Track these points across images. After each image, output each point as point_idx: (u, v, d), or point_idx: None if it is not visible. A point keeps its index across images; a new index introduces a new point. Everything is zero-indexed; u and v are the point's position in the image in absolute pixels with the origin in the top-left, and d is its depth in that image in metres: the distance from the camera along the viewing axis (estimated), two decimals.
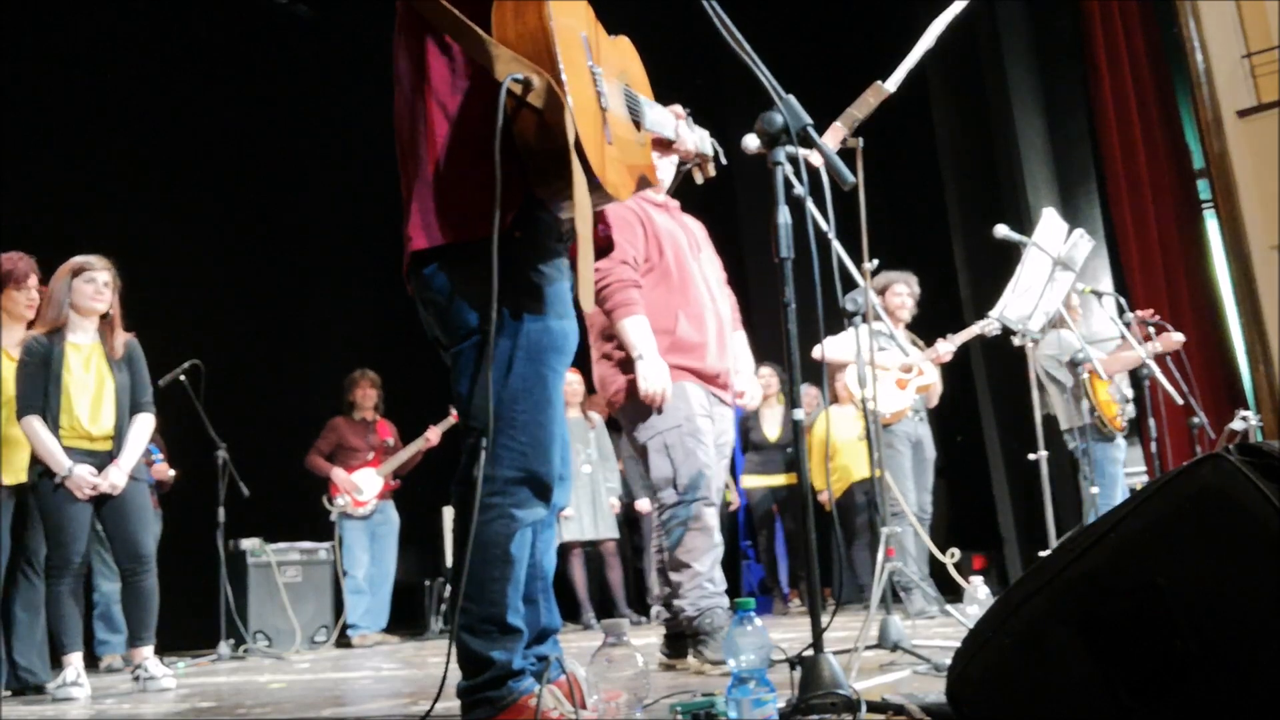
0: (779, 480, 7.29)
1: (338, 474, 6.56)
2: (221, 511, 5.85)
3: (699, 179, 2.57)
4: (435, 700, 1.82)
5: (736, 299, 3.54)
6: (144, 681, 4.04)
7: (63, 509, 4.03)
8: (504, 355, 1.86)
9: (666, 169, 3.29)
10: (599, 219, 2.12)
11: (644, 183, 2.07)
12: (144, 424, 4.30)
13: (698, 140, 2.40)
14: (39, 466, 4.07)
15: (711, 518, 3.06)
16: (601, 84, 1.92)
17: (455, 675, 1.87)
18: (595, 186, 1.81)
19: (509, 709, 1.82)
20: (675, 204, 3.41)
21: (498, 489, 1.85)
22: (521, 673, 1.86)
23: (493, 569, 1.84)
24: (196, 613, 6.22)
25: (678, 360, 3.11)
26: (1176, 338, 5.39)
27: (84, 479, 4.03)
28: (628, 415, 3.17)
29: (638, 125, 2.08)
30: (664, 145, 2.29)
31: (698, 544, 3.01)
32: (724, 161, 2.57)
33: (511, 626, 1.86)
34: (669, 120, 2.28)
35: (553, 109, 1.75)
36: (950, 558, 3.48)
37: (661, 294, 3.17)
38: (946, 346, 5.14)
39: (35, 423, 4.05)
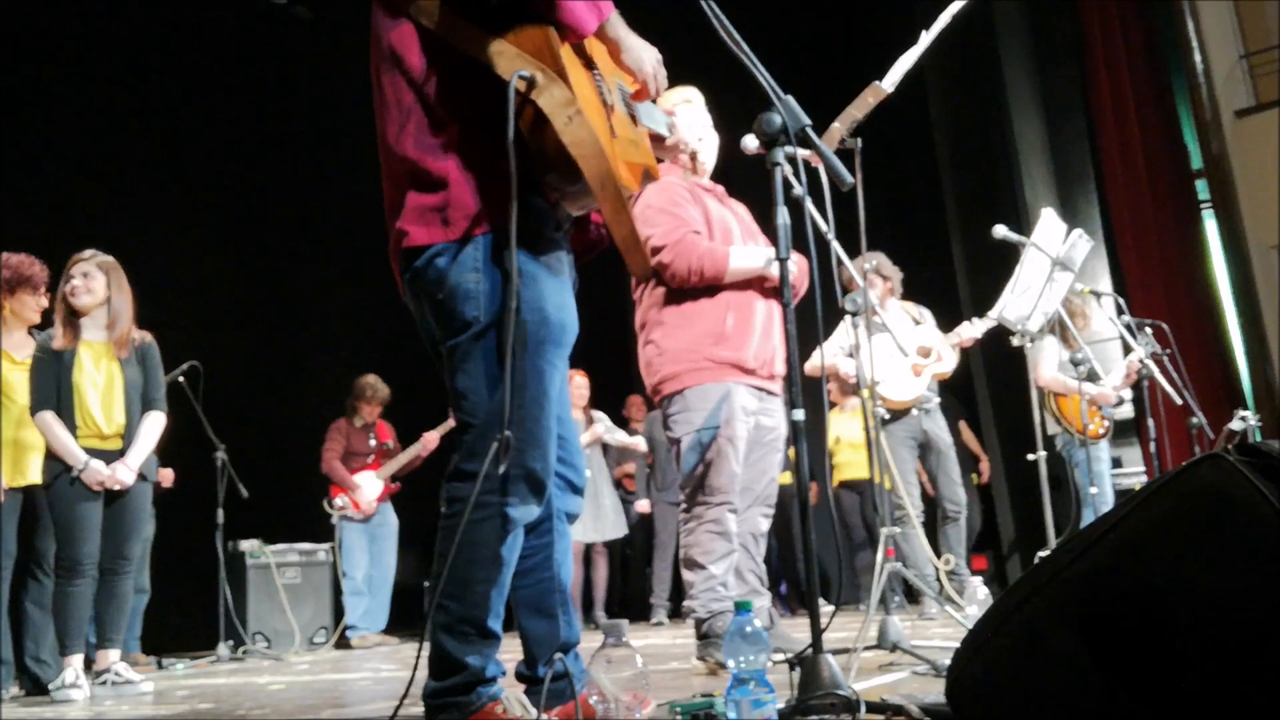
0: None
1: (356, 480, 6.53)
2: (220, 513, 5.84)
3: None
4: (402, 699, 1.78)
5: None
6: (117, 686, 3.95)
7: (75, 508, 4.00)
8: (501, 348, 1.80)
9: (711, 153, 3.30)
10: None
11: (648, 177, 2.05)
12: (155, 421, 4.29)
13: (683, 134, 2.39)
14: (55, 465, 4.05)
15: (732, 523, 3.02)
16: (600, 82, 1.91)
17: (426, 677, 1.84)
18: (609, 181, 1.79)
19: (475, 715, 1.78)
20: (721, 189, 3.35)
21: (493, 486, 1.78)
22: (492, 680, 1.83)
23: (478, 569, 1.80)
24: (195, 614, 6.21)
25: (719, 354, 3.04)
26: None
27: (98, 473, 4.03)
28: (667, 408, 3.12)
29: (634, 120, 2.07)
30: (658, 141, 2.25)
31: (715, 546, 2.98)
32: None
33: (490, 631, 1.82)
34: (661, 117, 2.26)
35: (560, 106, 1.73)
36: (945, 564, 3.47)
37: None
38: (970, 331, 4.95)
39: (49, 417, 4.06)
